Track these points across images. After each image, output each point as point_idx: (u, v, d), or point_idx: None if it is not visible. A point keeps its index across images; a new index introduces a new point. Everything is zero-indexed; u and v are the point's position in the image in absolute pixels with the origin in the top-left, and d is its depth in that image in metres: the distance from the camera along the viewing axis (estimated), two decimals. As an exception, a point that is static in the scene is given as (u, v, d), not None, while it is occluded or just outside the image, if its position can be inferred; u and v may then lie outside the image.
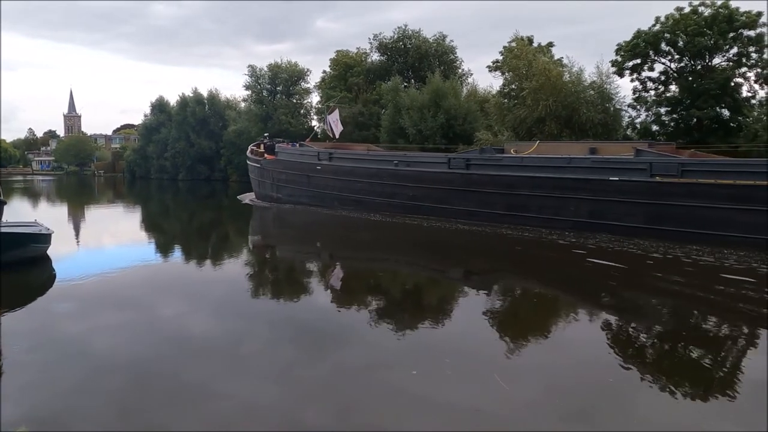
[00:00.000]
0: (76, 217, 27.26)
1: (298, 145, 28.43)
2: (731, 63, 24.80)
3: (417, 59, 40.79)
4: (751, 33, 24.07)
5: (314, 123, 49.41)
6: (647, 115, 27.34)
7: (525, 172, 17.73)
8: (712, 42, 24.32)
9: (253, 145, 31.28)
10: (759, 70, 24.46)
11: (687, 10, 25.25)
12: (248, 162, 30.96)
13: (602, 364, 6.72)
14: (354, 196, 22.89)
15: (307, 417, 5.36)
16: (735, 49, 24.62)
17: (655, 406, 5.52)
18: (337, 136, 28.61)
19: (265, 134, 35.03)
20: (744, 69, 24.72)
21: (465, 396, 5.72)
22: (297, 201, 25.69)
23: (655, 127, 27.17)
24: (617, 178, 15.79)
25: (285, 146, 28.04)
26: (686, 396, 5.86)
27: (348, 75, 43.45)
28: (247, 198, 30.60)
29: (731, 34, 24.24)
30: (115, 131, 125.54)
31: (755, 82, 24.77)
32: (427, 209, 20.11)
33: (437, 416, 5.32)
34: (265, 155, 28.11)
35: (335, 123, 28.31)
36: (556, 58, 29.62)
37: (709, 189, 14.29)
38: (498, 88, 30.58)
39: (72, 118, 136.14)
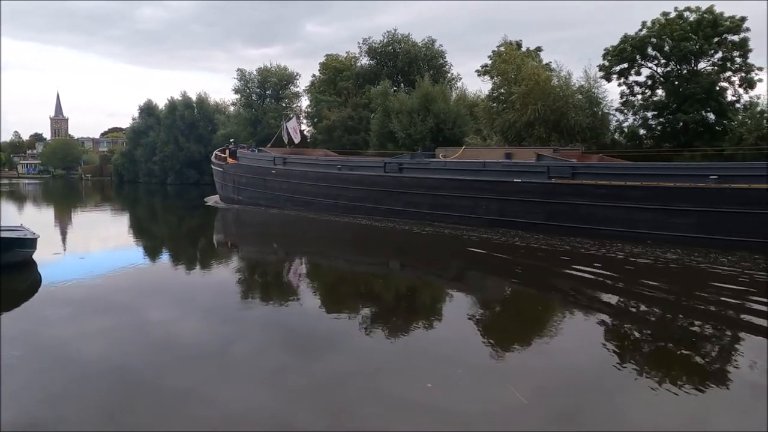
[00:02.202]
0: (63, 221, 27.08)
1: (257, 150, 30.12)
2: (716, 67, 25.10)
3: (406, 63, 40.90)
4: (735, 38, 24.38)
5: (303, 127, 49.39)
6: (635, 119, 27.57)
7: (447, 175, 19.62)
8: (697, 47, 24.61)
9: (218, 151, 32.86)
10: (743, 74, 24.78)
11: (673, 15, 25.57)
12: (212, 166, 32.43)
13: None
14: (304, 197, 24.60)
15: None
16: (719, 54, 24.93)
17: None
18: (296, 142, 30.10)
19: (231, 140, 36.89)
20: (728, 73, 25.02)
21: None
22: (255, 202, 27.28)
23: (642, 131, 27.42)
24: (520, 180, 17.59)
25: (245, 151, 29.81)
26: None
27: (337, 79, 43.51)
28: (212, 200, 32.12)
29: (716, 39, 24.54)
30: (102, 135, 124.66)
31: (739, 86, 25.09)
32: (365, 209, 21.81)
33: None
34: (228, 160, 29.84)
35: (294, 130, 29.83)
36: (544, 62, 29.89)
37: (592, 189, 16.15)
38: (487, 93, 30.78)
39: (59, 121, 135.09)
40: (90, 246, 17.93)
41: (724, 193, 14.06)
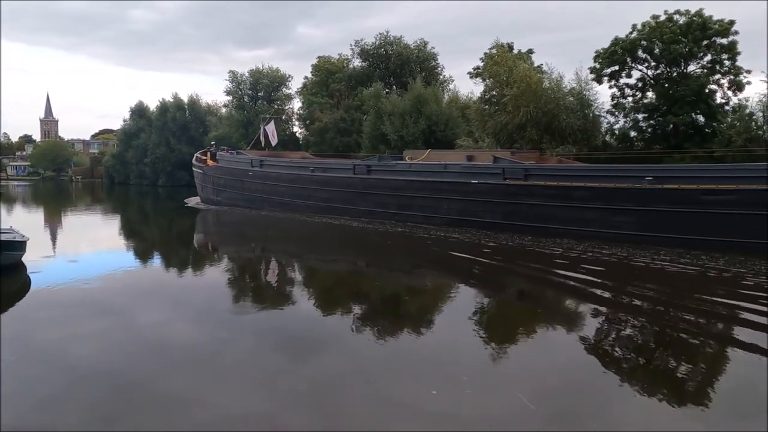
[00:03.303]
0: (53, 224, 26.88)
1: (235, 153, 31.06)
2: (705, 70, 25.30)
3: (398, 65, 40.91)
4: (724, 41, 24.59)
5: (295, 129, 49.33)
6: (625, 121, 27.71)
7: (411, 177, 20.42)
8: (686, 49, 24.78)
9: (199, 153, 33.65)
10: (732, 77, 24.99)
11: (663, 18, 25.76)
12: (193, 168, 33.25)
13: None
14: (279, 198, 25.40)
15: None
16: (709, 57, 25.13)
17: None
18: (273, 144, 31.03)
19: (212, 142, 37.94)
20: (717, 76, 25.22)
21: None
22: (234, 203, 28.08)
23: (633, 133, 27.57)
24: (477, 181, 18.32)
25: (224, 154, 30.65)
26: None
27: (330, 81, 43.44)
28: (193, 201, 32.99)
29: (705, 42, 24.75)
30: (93, 136, 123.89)
31: (728, 88, 25.29)
32: (336, 209, 22.67)
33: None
34: (208, 162, 30.62)
35: (271, 134, 30.71)
36: (536, 65, 30.02)
37: (542, 189, 16.91)
38: (479, 95, 30.84)
39: (49, 122, 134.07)
40: (80, 249, 17.82)
41: (657, 194, 14.79)
